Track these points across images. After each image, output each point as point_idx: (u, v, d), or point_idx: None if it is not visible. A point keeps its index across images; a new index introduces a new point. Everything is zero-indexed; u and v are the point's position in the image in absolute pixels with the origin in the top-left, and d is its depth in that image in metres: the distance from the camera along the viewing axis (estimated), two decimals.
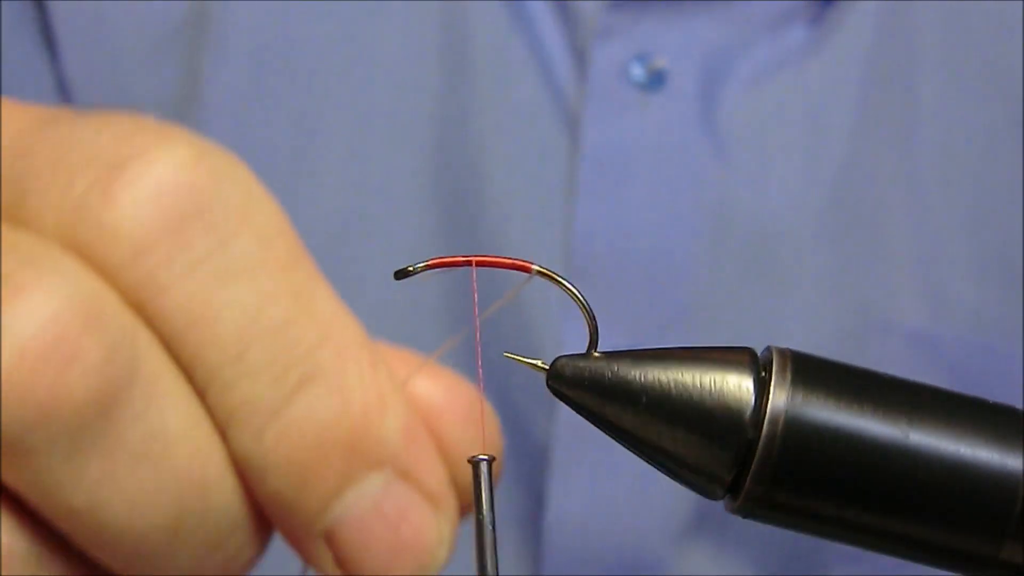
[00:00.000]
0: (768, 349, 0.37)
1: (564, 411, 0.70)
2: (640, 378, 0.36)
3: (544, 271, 0.37)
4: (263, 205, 0.38)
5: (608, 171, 0.72)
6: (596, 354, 0.36)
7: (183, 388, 0.37)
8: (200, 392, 0.37)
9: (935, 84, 0.73)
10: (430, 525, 0.39)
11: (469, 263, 0.38)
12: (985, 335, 0.71)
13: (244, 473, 0.38)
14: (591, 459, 0.71)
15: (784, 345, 0.37)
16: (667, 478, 0.73)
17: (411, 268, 0.37)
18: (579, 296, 0.37)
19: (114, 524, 0.35)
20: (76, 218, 0.36)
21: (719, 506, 0.73)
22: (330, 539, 0.38)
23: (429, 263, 0.38)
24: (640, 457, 0.37)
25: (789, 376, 0.36)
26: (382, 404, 0.38)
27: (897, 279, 0.72)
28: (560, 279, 0.37)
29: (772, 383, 0.36)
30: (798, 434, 0.35)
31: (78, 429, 0.34)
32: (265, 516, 0.38)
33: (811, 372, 0.36)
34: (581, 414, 0.37)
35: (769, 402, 0.35)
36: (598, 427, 0.37)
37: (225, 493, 0.37)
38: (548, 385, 0.37)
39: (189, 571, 0.37)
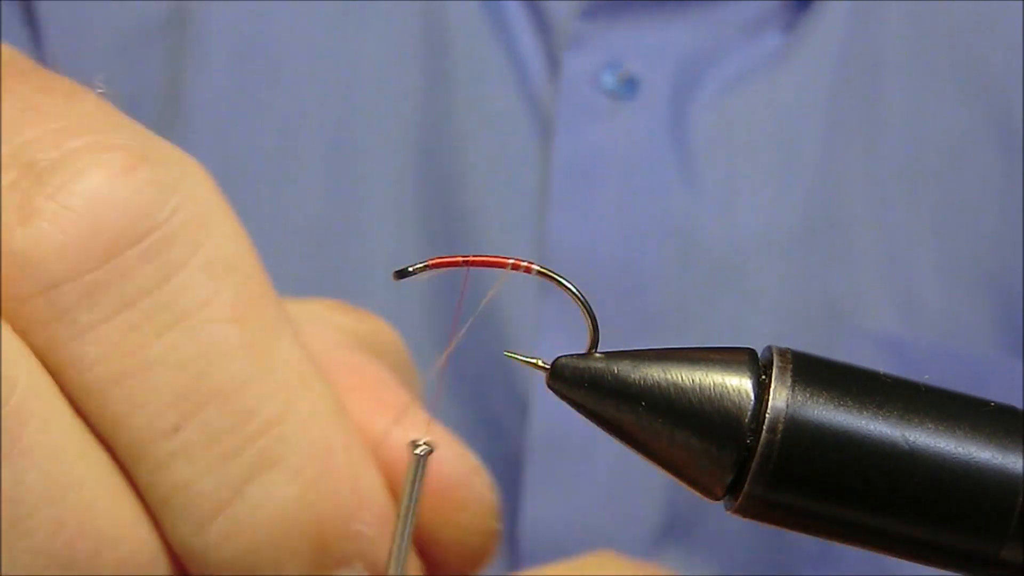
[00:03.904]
0: (768, 349, 0.37)
1: (537, 420, 0.70)
2: (640, 379, 0.36)
3: (545, 271, 0.37)
4: (220, 228, 0.30)
5: (578, 179, 0.72)
6: (597, 354, 0.36)
7: (98, 465, 0.29)
8: (125, 469, 0.29)
9: (903, 89, 0.73)
10: None
11: (467, 263, 0.37)
12: (954, 339, 0.72)
13: (184, 562, 0.30)
14: (563, 468, 0.71)
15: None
16: (636, 485, 0.72)
17: (409, 268, 0.37)
18: (580, 296, 0.37)
19: None
20: None
21: (687, 513, 0.73)
22: None
23: (427, 263, 0.37)
24: (640, 456, 0.36)
25: (790, 376, 0.36)
26: (357, 497, 0.31)
27: (866, 284, 0.72)
28: (560, 279, 0.37)
29: (772, 383, 0.36)
30: (798, 435, 0.35)
31: None
32: None
33: (811, 372, 0.36)
34: (581, 414, 0.36)
35: (769, 402, 0.35)
36: (598, 427, 0.36)
37: None
38: (548, 385, 0.36)
39: None
